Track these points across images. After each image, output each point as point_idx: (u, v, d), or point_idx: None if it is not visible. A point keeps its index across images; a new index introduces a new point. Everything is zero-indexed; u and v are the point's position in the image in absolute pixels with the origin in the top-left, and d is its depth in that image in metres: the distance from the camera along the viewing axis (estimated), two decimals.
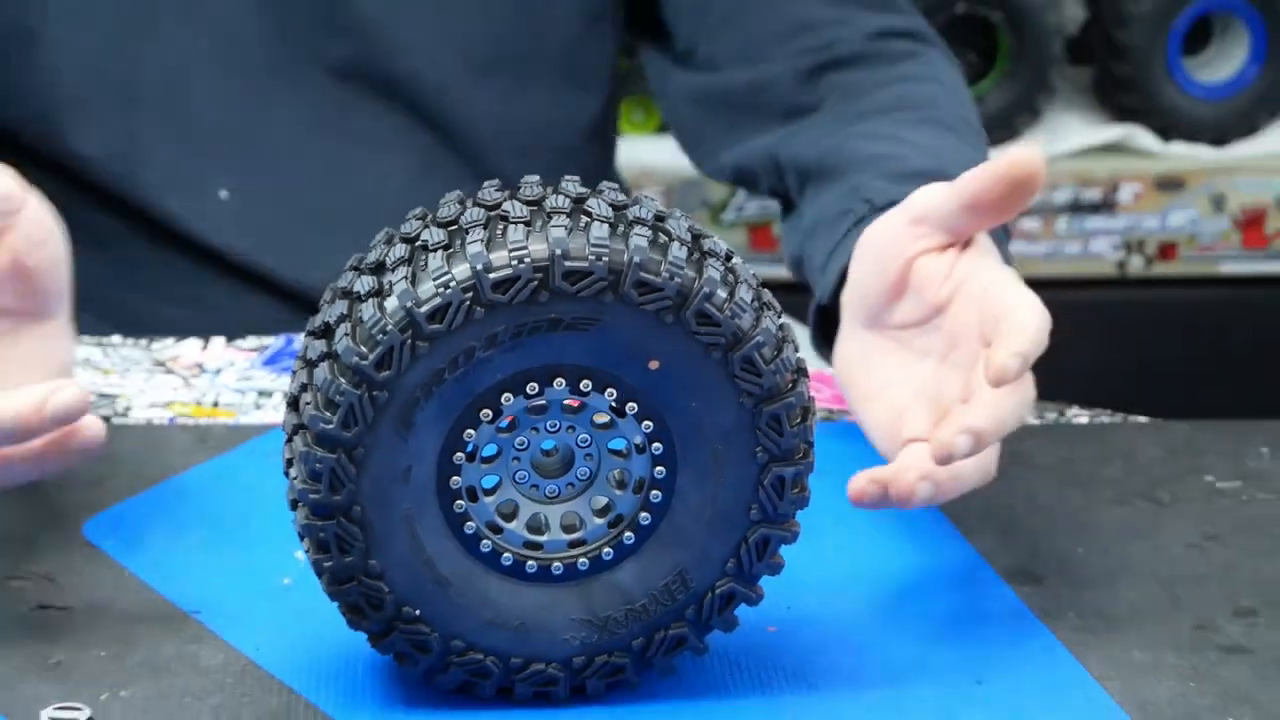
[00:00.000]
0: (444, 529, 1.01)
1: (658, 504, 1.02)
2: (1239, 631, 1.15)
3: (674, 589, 1.03)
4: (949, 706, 1.07)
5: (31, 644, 1.09)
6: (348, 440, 0.96)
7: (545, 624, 1.03)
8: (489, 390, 0.99)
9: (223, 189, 1.43)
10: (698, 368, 0.99)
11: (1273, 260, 2.70)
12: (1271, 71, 2.72)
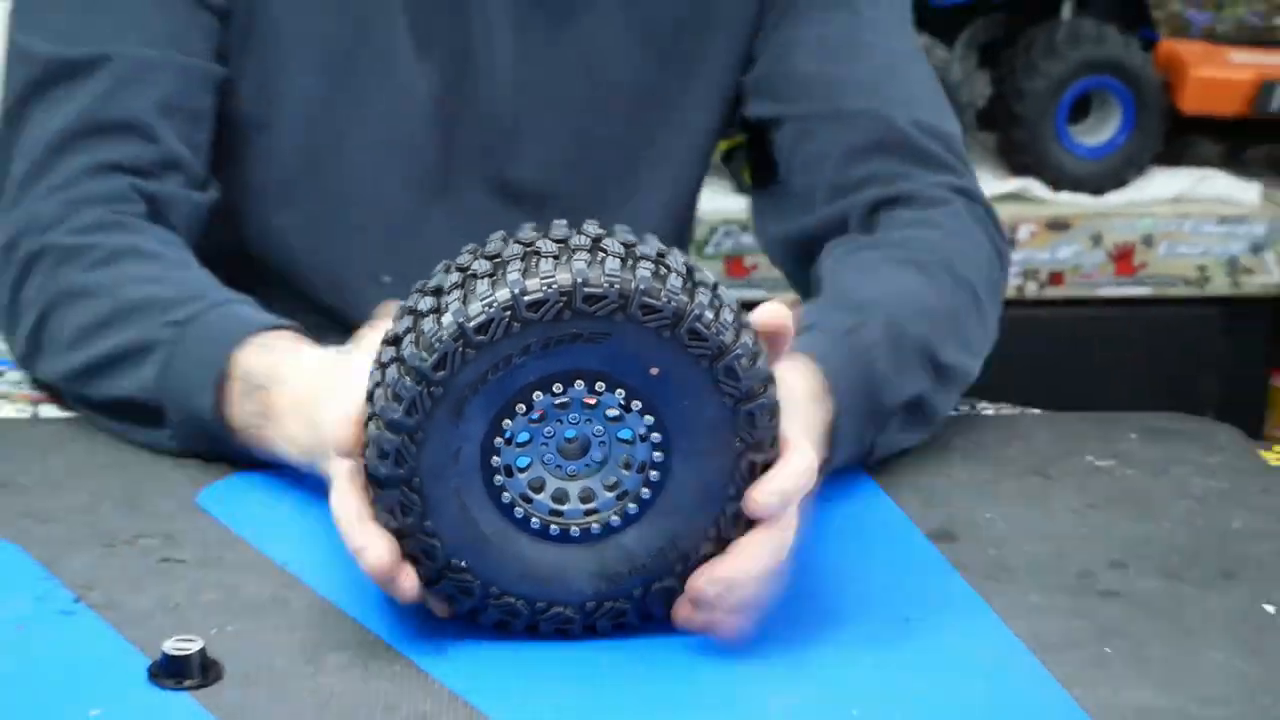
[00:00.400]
0: (485, 498, 1.03)
1: (656, 482, 1.04)
2: (1113, 579, 1.16)
3: (667, 550, 1.05)
4: (882, 638, 1.08)
5: (155, 589, 1.09)
6: (410, 426, 0.99)
7: (564, 576, 1.05)
8: (523, 389, 1.01)
9: (386, 275, 1.41)
10: (689, 374, 1.01)
11: (1140, 285, 2.70)
12: (1137, 137, 2.71)
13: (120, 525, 1.17)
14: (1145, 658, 1.06)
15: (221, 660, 1.00)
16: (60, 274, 1.31)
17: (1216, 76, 2.74)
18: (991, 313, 1.41)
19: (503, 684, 1.01)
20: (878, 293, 1.30)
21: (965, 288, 1.38)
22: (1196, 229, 2.73)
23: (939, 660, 1.06)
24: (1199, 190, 2.77)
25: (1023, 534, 1.22)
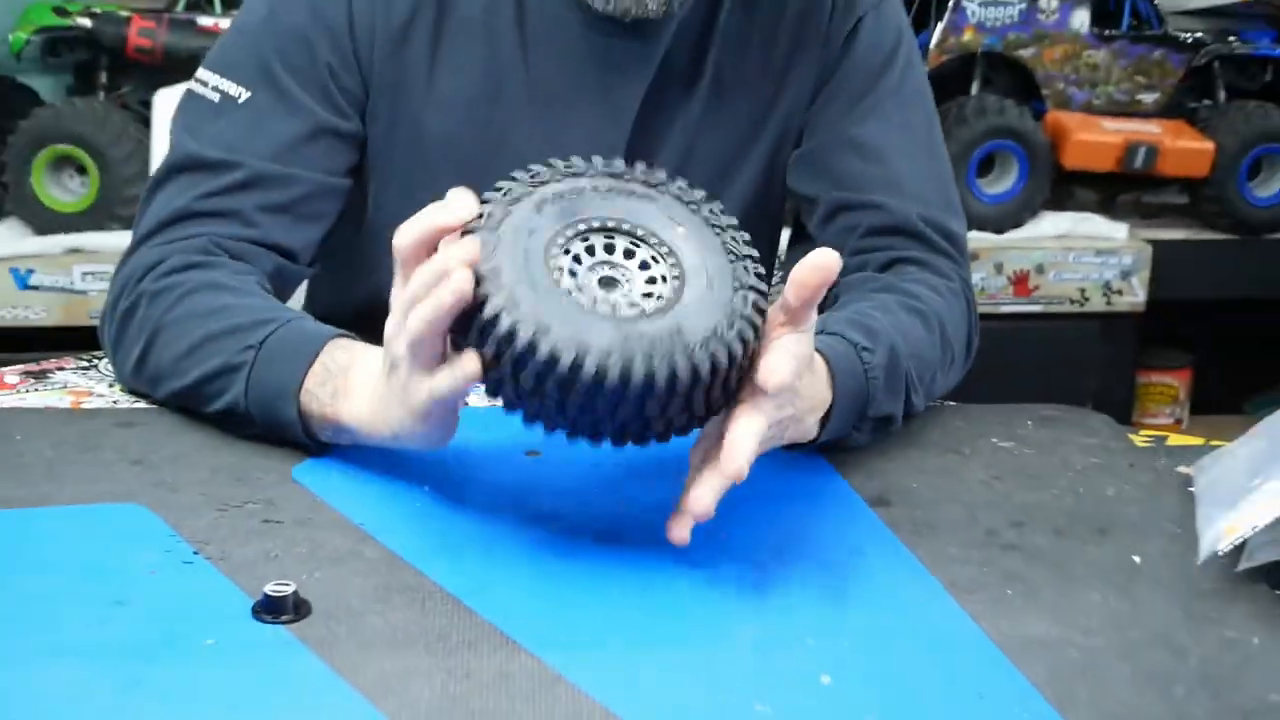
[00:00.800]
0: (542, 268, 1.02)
1: (672, 299, 1.03)
2: (1013, 536, 1.16)
3: (678, 334, 1.01)
4: (830, 582, 1.08)
5: (257, 544, 1.09)
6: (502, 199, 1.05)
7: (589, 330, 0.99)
8: (586, 221, 1.05)
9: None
10: (706, 237, 1.05)
11: (1033, 304, 2.70)
12: (1030, 188, 2.72)
13: (231, 493, 1.17)
14: (1038, 598, 1.06)
15: (310, 600, 1.00)
16: (151, 313, 1.30)
17: (1092, 140, 2.74)
18: (957, 373, 1.42)
19: (530, 617, 1.00)
20: (888, 326, 1.29)
21: (948, 348, 1.38)
22: (1078, 259, 2.73)
23: (877, 600, 1.06)
24: (1079, 229, 2.77)
25: (942, 500, 1.22)
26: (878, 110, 1.48)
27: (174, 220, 1.37)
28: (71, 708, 0.89)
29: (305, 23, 1.40)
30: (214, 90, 1.40)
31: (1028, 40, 2.80)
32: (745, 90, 1.50)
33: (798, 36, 1.49)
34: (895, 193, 1.45)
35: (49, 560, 1.07)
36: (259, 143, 1.38)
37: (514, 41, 1.45)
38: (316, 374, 1.19)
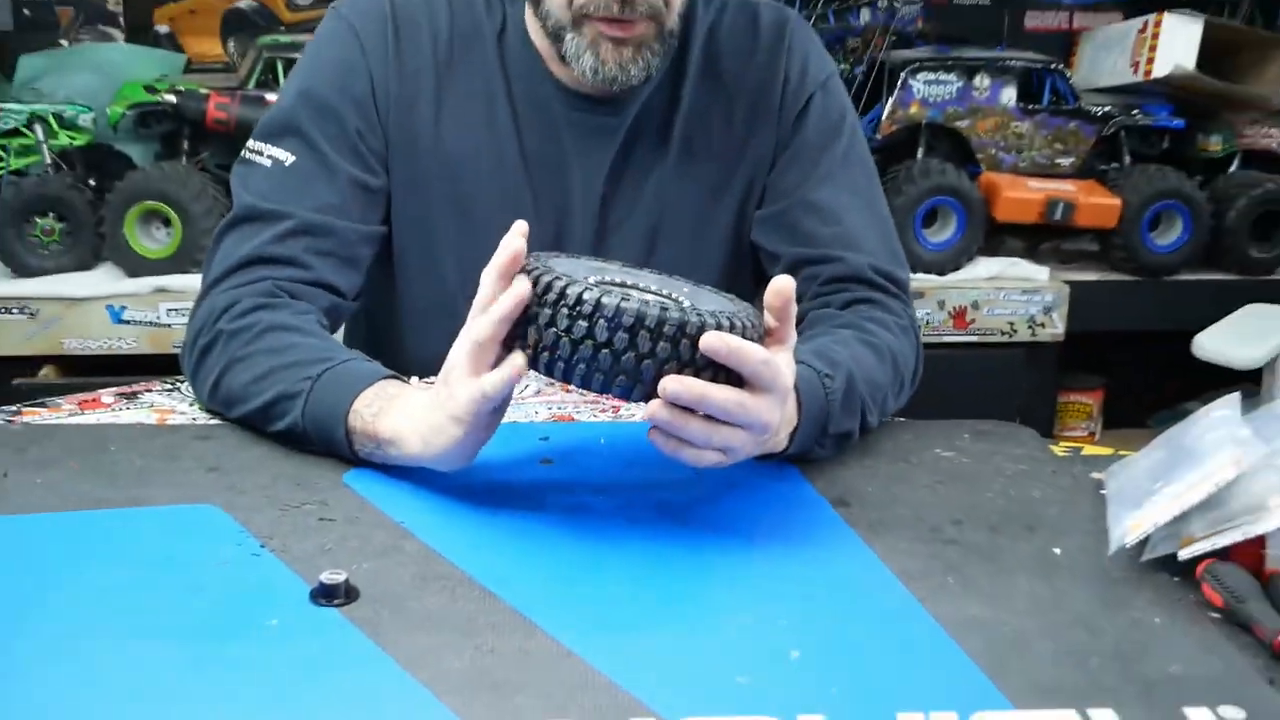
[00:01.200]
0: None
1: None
2: (953, 532, 1.15)
3: (676, 308, 1.04)
4: (799, 572, 1.08)
5: (313, 539, 1.08)
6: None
7: (610, 291, 1.03)
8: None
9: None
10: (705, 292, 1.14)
11: (970, 335, 2.70)
12: (967, 237, 2.72)
13: (291, 496, 1.17)
14: (975, 584, 1.06)
15: (359, 587, 1.00)
16: (228, 349, 1.30)
17: (1019, 197, 2.74)
18: (906, 395, 1.41)
19: (546, 602, 1.00)
20: (847, 357, 1.29)
21: (898, 374, 1.38)
22: (1007, 297, 2.73)
23: (839, 586, 1.06)
24: (1008, 272, 2.77)
25: (893, 501, 1.21)
26: (830, 178, 1.48)
27: (240, 266, 1.37)
28: (156, 678, 0.89)
29: (335, 96, 1.42)
30: (266, 157, 1.41)
31: (964, 113, 2.80)
32: (711, 153, 1.49)
33: (754, 109, 1.49)
34: (850, 248, 1.45)
35: (138, 553, 1.07)
36: (305, 198, 1.39)
37: (507, 112, 1.45)
38: (366, 397, 1.20)
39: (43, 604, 0.98)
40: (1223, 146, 2.94)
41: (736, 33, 1.49)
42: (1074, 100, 2.85)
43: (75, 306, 2.48)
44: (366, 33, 1.43)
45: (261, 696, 0.88)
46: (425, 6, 1.45)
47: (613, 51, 1.33)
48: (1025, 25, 3.27)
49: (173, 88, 2.68)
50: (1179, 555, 1.07)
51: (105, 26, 3.00)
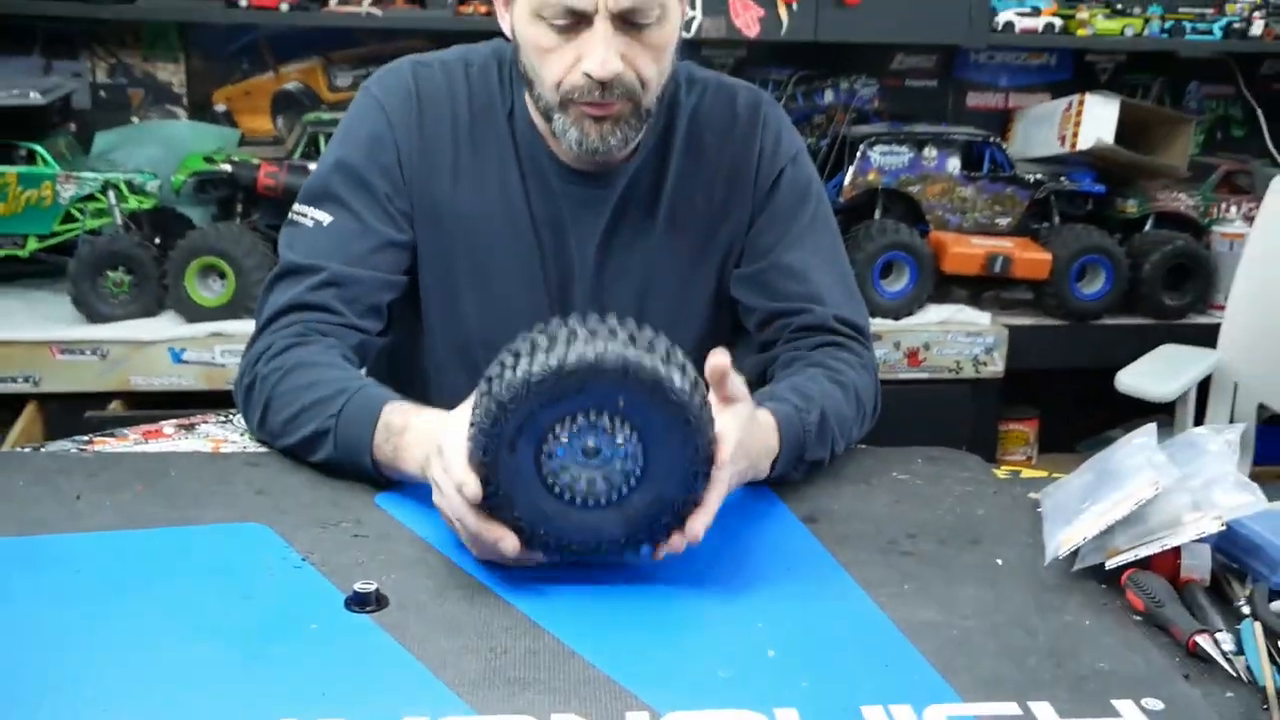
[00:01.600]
0: (543, 491, 1.01)
1: (644, 466, 1.01)
2: (908, 545, 1.15)
3: (656, 502, 1.02)
4: (773, 578, 1.08)
5: (348, 553, 1.08)
6: (489, 449, 0.99)
7: (601, 528, 1.02)
8: (552, 421, 0.99)
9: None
10: (662, 416, 1.00)
11: (922, 373, 2.70)
12: (918, 287, 2.71)
13: (330, 515, 1.16)
14: (927, 591, 1.06)
15: (388, 595, 1.00)
16: (264, 389, 1.31)
17: (963, 252, 2.74)
18: (867, 425, 1.40)
19: (552, 608, 1.00)
20: (820, 394, 1.30)
21: (860, 408, 1.38)
22: (954, 339, 2.73)
23: (809, 593, 1.06)
24: (955, 317, 2.77)
25: (856, 518, 1.21)
26: (798, 241, 1.48)
27: (281, 313, 1.37)
28: (210, 676, 0.89)
29: (366, 165, 1.42)
30: (309, 219, 1.42)
31: (915, 180, 2.81)
32: (694, 220, 1.49)
33: (732, 181, 1.49)
34: (816, 301, 1.45)
35: (194, 565, 1.06)
36: (339, 254, 1.39)
37: (517, 180, 1.45)
38: (380, 433, 1.20)
39: (113, 610, 0.98)
40: (1138, 209, 2.96)
41: (716, 113, 1.49)
42: (1010, 169, 2.86)
43: (141, 348, 2.48)
44: (393, 109, 1.43)
45: (302, 692, 0.87)
46: (446, 87, 1.45)
47: (594, 126, 1.32)
48: (967, 104, 3.29)
49: (228, 158, 2.69)
50: (1105, 565, 1.07)
51: (171, 106, 3.01)
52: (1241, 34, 3.03)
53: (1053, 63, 3.32)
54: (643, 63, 1.29)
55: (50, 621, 0.96)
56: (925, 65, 3.26)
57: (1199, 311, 2.89)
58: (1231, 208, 3.02)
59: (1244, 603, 1.02)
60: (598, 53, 1.25)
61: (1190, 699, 0.91)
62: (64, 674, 0.89)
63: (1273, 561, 1.05)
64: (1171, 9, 3.05)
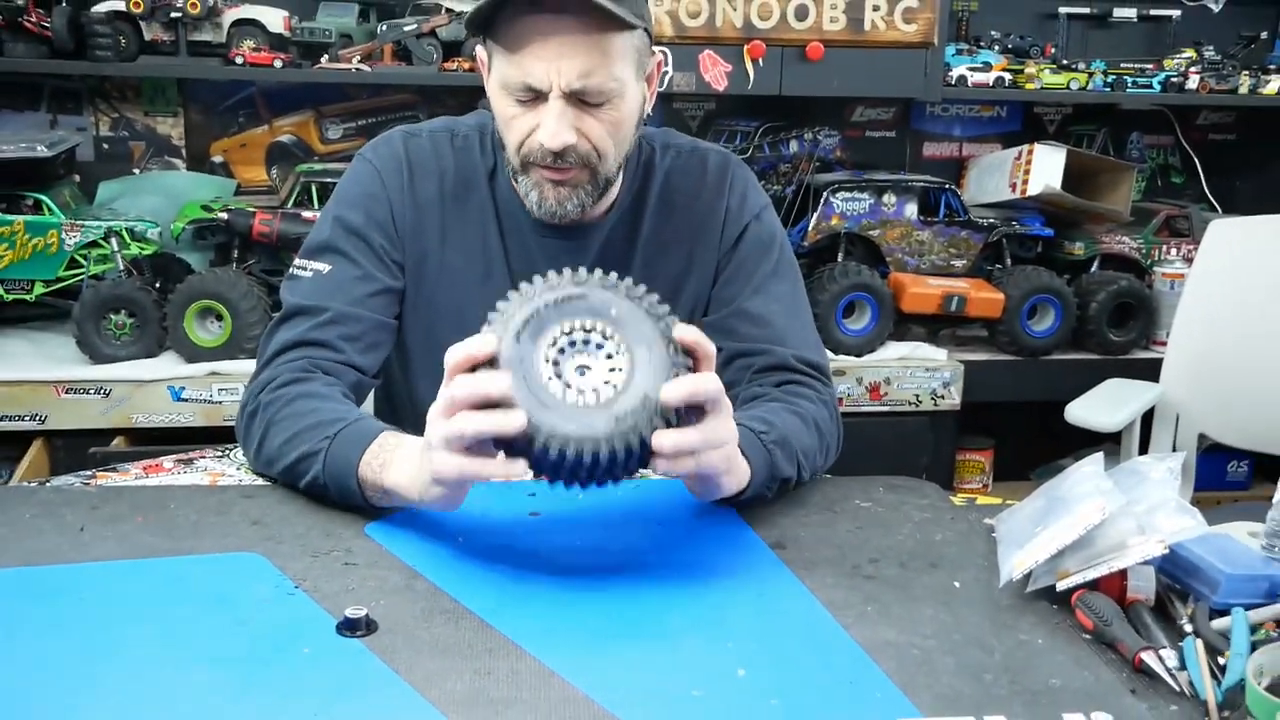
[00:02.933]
0: (540, 385, 1.03)
1: (629, 371, 1.04)
2: (871, 569, 1.15)
3: (644, 402, 1.03)
4: (743, 601, 1.07)
5: (340, 580, 1.08)
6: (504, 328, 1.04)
7: (593, 423, 1.02)
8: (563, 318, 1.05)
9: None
10: (635, 310, 1.05)
11: (883, 406, 2.70)
12: (879, 325, 2.72)
13: (321, 544, 1.16)
14: (889, 612, 1.06)
15: (377, 620, 1.00)
16: (265, 415, 1.31)
17: (921, 292, 2.76)
18: (830, 457, 1.41)
19: (533, 630, 1.00)
20: (780, 422, 1.31)
21: (822, 438, 1.39)
22: (913, 374, 2.74)
23: (776, 615, 1.06)
24: (914, 353, 2.78)
25: (821, 544, 1.21)
26: (761, 289, 1.50)
27: (286, 349, 1.39)
28: (208, 700, 0.89)
29: (362, 221, 1.45)
30: (308, 271, 1.44)
31: (875, 224, 2.83)
32: (666, 271, 1.51)
33: (701, 235, 1.51)
34: (776, 343, 1.46)
35: (192, 594, 1.06)
36: (339, 297, 1.41)
37: (496, 237, 1.48)
38: (372, 451, 1.20)
39: (114, 637, 0.97)
40: (1085, 251, 2.98)
41: (689, 175, 1.52)
42: (964, 214, 2.88)
43: (142, 387, 2.46)
44: (387, 172, 1.46)
45: (296, 714, 0.87)
46: (433, 153, 1.48)
47: (552, 190, 1.36)
48: (923, 153, 3.31)
49: (225, 207, 2.69)
50: (1056, 587, 1.07)
51: (170, 157, 3.00)
52: (1179, 88, 3.07)
53: (1003, 114, 3.35)
54: (596, 136, 1.33)
55: (55, 648, 0.95)
56: (884, 117, 3.29)
57: (1142, 347, 2.91)
58: (1172, 250, 3.05)
59: (1186, 621, 1.03)
60: (549, 125, 1.30)
61: (1137, 712, 0.91)
62: (68, 699, 0.88)
63: (1212, 582, 1.05)
64: (1113, 64, 3.09)
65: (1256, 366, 2.15)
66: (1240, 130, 3.42)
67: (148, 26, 2.66)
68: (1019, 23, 3.22)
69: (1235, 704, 0.91)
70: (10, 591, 1.05)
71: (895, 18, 2.15)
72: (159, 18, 2.65)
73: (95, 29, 2.60)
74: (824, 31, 2.16)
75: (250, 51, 2.67)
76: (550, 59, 1.27)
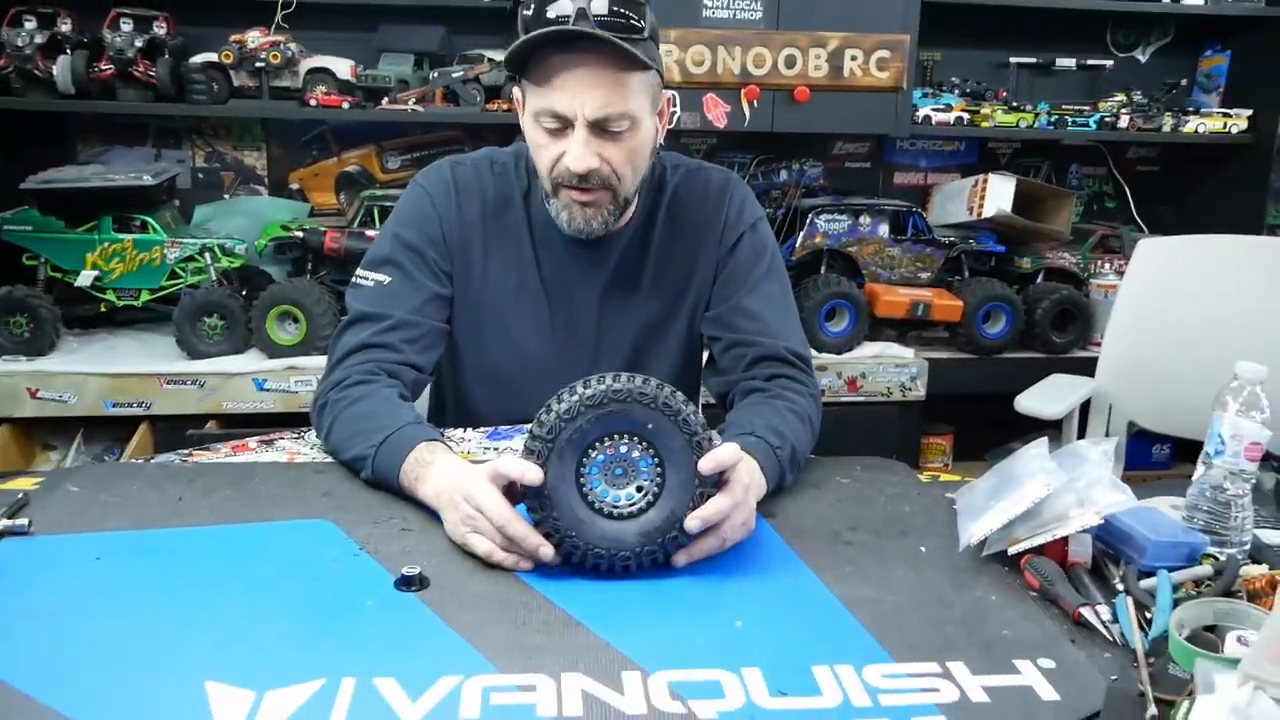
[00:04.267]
0: (580, 501, 1.01)
1: (660, 486, 1.02)
2: (849, 535, 1.15)
3: (670, 519, 1.02)
4: (740, 563, 1.07)
5: (398, 543, 1.08)
6: (540, 464, 0.99)
7: (623, 537, 1.02)
8: (589, 443, 1.01)
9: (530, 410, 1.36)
10: (674, 434, 1.01)
11: (860, 397, 2.69)
12: (856, 328, 2.71)
13: (382, 514, 1.16)
14: (865, 573, 1.05)
15: (429, 577, 1.00)
16: (333, 412, 1.31)
17: (892, 300, 2.75)
18: (814, 442, 1.39)
19: (562, 586, 1.00)
20: (789, 432, 1.29)
21: (811, 429, 1.38)
22: (884, 370, 2.73)
23: (768, 574, 1.05)
24: (885, 352, 2.77)
25: (806, 514, 1.21)
26: (755, 289, 1.49)
27: (353, 351, 1.38)
28: (286, 643, 0.89)
29: (416, 237, 1.44)
30: (369, 281, 1.43)
31: (853, 242, 2.81)
32: (672, 278, 1.51)
33: (703, 243, 1.50)
34: (768, 336, 1.45)
35: (272, 554, 1.06)
36: (398, 305, 1.40)
37: (530, 250, 1.47)
38: (409, 463, 1.19)
39: (207, 590, 0.98)
40: (1031, 265, 2.96)
41: (693, 190, 1.51)
42: (929, 233, 2.87)
43: (231, 379, 2.47)
44: (437, 195, 1.46)
45: (360, 656, 0.87)
46: (476, 179, 1.48)
47: (580, 211, 1.36)
48: (894, 181, 3.30)
49: (301, 227, 2.69)
50: (1008, 551, 1.07)
51: (255, 185, 3.00)
52: (1112, 126, 3.06)
53: (962, 148, 3.34)
54: (617, 161, 1.33)
55: (158, 600, 0.96)
56: (860, 150, 3.28)
57: (1080, 347, 2.89)
58: (1105, 264, 3.03)
59: (1118, 581, 1.03)
60: (575, 150, 1.30)
61: (1076, 659, 0.91)
62: (172, 642, 0.89)
63: (1141, 548, 1.05)
64: (1056, 106, 3.07)
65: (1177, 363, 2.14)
66: (1163, 163, 3.41)
67: (236, 75, 2.67)
68: (975, 70, 3.21)
69: (1159, 651, 0.90)
70: (121, 551, 1.05)
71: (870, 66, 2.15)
72: (246, 67, 2.66)
73: (193, 77, 2.61)
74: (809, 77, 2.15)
75: (322, 95, 2.67)
76: (576, 92, 1.27)
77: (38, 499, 1.17)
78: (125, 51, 2.59)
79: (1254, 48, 3.13)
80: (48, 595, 0.96)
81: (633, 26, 1.25)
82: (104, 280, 2.54)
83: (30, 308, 2.46)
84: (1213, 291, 2.10)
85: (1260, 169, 3.05)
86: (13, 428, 2.49)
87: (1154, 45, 3.31)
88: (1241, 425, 1.09)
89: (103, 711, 0.79)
